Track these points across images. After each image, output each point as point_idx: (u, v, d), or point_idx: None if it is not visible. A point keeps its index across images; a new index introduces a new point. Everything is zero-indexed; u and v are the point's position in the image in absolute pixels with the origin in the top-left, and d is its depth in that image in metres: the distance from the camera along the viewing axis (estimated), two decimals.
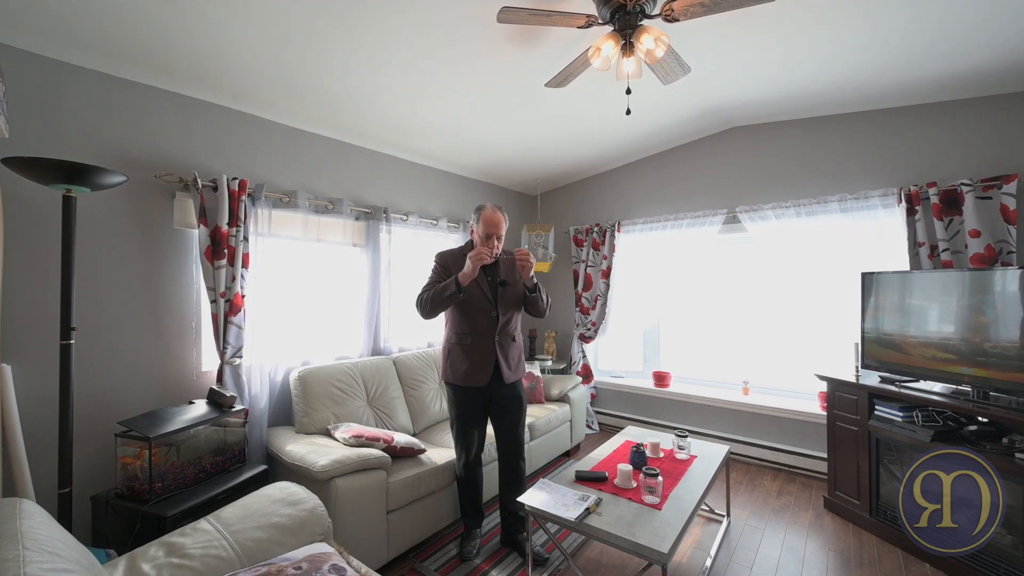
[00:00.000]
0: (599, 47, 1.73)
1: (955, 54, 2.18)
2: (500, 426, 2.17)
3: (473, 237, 2.16)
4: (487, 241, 2.05)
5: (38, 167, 1.49)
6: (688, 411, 3.59)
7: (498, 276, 2.15)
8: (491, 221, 2.06)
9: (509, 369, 2.12)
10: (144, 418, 1.82)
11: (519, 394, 2.18)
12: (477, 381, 2.07)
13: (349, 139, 2.94)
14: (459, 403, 2.13)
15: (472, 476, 2.20)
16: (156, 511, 1.62)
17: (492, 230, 2.06)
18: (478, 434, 2.17)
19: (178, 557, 1.18)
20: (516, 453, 2.18)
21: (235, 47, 1.93)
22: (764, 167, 3.27)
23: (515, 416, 2.16)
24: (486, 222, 2.06)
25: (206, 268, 2.16)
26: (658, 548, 1.50)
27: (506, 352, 2.12)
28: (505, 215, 2.11)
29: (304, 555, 1.22)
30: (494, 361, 2.08)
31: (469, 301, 2.08)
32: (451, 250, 2.22)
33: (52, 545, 0.88)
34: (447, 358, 2.16)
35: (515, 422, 2.16)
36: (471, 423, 2.13)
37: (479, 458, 2.22)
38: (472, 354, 2.08)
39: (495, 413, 2.17)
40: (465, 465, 2.18)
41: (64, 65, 1.88)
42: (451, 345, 2.15)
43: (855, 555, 2.16)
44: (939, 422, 2.13)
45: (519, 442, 2.19)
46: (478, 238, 2.10)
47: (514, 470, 2.18)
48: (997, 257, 2.35)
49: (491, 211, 2.08)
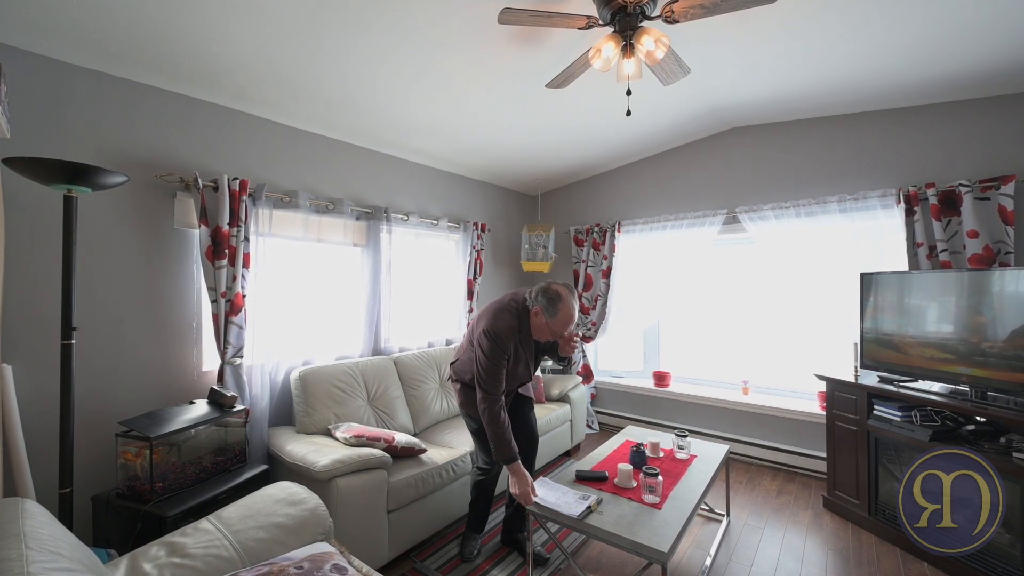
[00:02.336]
0: (599, 48, 1.73)
1: (953, 55, 2.18)
2: (517, 423, 2.11)
3: (535, 320, 1.88)
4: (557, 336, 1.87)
5: (39, 167, 1.49)
6: (688, 411, 3.59)
7: (541, 344, 2.06)
8: (569, 320, 1.84)
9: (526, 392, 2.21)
10: (145, 418, 1.82)
11: (530, 395, 2.25)
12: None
13: (350, 139, 2.94)
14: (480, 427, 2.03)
15: (490, 482, 2.18)
16: (157, 511, 1.63)
17: (568, 327, 1.85)
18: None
19: (180, 557, 1.18)
20: (532, 450, 2.18)
21: (236, 47, 1.93)
22: (764, 168, 3.27)
23: (530, 412, 2.20)
24: (565, 321, 1.83)
25: (207, 268, 2.16)
26: (658, 547, 1.50)
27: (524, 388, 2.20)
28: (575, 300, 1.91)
29: (305, 555, 1.23)
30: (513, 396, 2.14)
31: (513, 374, 1.99)
32: (509, 327, 1.88)
33: (54, 545, 0.88)
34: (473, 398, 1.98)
35: (531, 419, 2.20)
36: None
37: (500, 469, 2.19)
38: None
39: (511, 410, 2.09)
40: (486, 479, 2.16)
41: (65, 65, 1.88)
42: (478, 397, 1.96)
43: (854, 554, 2.17)
44: (937, 422, 2.14)
45: (535, 438, 2.20)
46: (543, 326, 1.86)
47: (528, 467, 2.18)
48: (995, 257, 2.36)
49: (569, 308, 1.82)
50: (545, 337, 1.91)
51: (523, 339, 1.95)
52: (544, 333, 1.90)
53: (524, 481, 1.85)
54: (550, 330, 1.86)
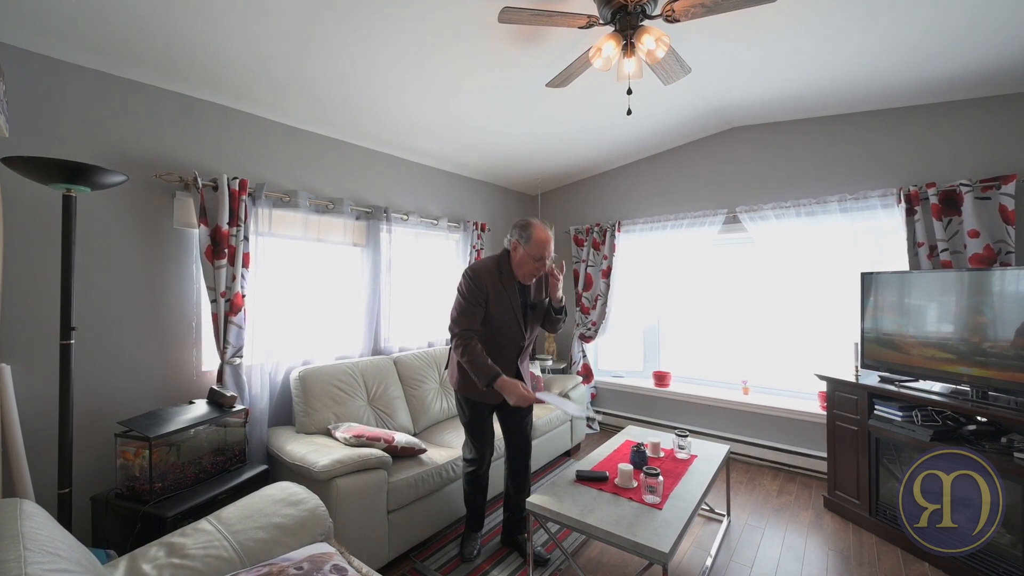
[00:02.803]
0: (600, 47, 1.73)
1: (954, 55, 2.18)
2: (510, 428, 2.15)
3: (515, 254, 1.92)
4: (536, 264, 1.88)
5: (38, 166, 1.49)
6: (688, 411, 3.59)
7: (529, 298, 2.02)
8: (544, 242, 1.86)
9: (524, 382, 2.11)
10: (144, 418, 1.82)
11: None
12: (495, 400, 1.98)
13: (350, 138, 2.94)
14: (472, 411, 2.09)
15: (480, 480, 2.18)
16: (156, 511, 1.62)
17: (545, 252, 1.87)
18: (492, 438, 2.16)
19: (179, 557, 1.18)
20: (526, 454, 2.17)
21: (236, 46, 1.93)
22: (764, 167, 3.27)
23: (525, 418, 2.15)
24: (539, 243, 1.85)
25: (206, 268, 2.16)
26: (658, 548, 1.50)
27: (524, 371, 2.10)
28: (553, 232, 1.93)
29: (305, 555, 1.22)
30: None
31: (502, 329, 1.97)
32: (485, 266, 1.95)
33: (53, 546, 0.88)
34: (463, 372, 1.99)
35: (526, 424, 2.15)
36: (485, 431, 2.12)
37: (489, 462, 2.19)
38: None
39: (505, 415, 2.15)
40: (475, 470, 2.16)
41: (64, 64, 1.88)
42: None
43: (855, 554, 2.17)
44: (938, 422, 2.14)
45: (529, 443, 2.18)
46: (525, 258, 1.88)
47: (523, 471, 2.17)
48: (996, 257, 2.36)
49: (543, 230, 1.86)
50: (528, 270, 1.90)
51: (505, 280, 1.94)
52: (526, 264, 1.89)
53: (515, 387, 1.82)
54: (530, 256, 1.87)
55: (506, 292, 1.94)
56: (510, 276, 1.96)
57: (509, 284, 1.95)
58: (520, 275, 1.94)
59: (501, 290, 1.93)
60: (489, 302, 1.91)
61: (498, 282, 1.93)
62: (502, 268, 1.95)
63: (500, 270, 1.95)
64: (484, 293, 1.90)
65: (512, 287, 1.96)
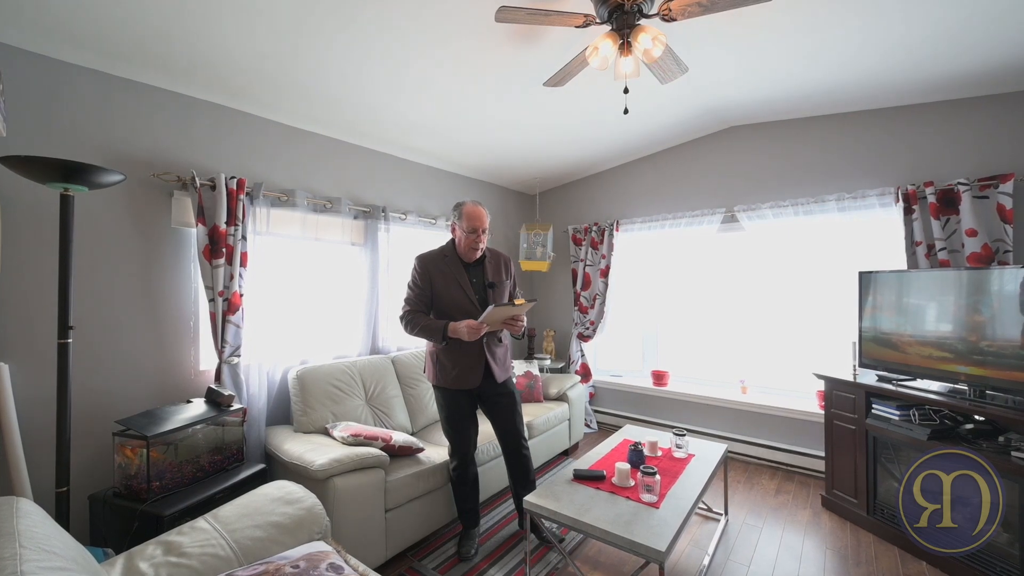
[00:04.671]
0: (597, 47, 1.73)
1: (952, 54, 2.18)
2: (498, 423, 2.18)
3: (456, 235, 2.08)
4: (471, 236, 2.02)
5: (35, 166, 1.49)
6: (686, 410, 3.59)
7: (485, 278, 2.10)
8: (474, 215, 2.01)
9: (499, 369, 2.12)
10: (142, 417, 1.82)
11: (510, 389, 2.18)
12: (468, 384, 2.05)
13: (348, 138, 2.94)
14: (449, 405, 2.11)
15: (466, 477, 2.19)
16: (154, 510, 1.62)
17: (477, 223, 2.01)
18: (471, 434, 2.17)
19: (176, 556, 1.18)
20: (519, 444, 2.18)
21: (233, 45, 1.93)
22: (762, 166, 3.27)
23: (511, 410, 2.16)
24: (469, 216, 2.01)
25: (204, 267, 2.16)
26: (655, 546, 1.50)
27: (493, 353, 2.10)
28: (487, 210, 2.08)
29: (302, 554, 1.22)
30: (484, 363, 2.07)
31: (454, 309, 2.04)
32: (431, 253, 2.12)
33: (49, 544, 0.88)
34: (435, 362, 2.10)
35: (512, 416, 2.16)
36: (463, 424, 2.13)
37: (472, 457, 2.20)
38: (461, 358, 2.04)
39: (490, 411, 2.19)
40: (459, 466, 2.17)
41: (62, 64, 1.88)
42: (438, 348, 2.06)
43: (852, 553, 2.17)
44: (936, 421, 2.14)
45: (519, 434, 2.19)
46: (462, 234, 2.04)
47: (520, 462, 2.19)
48: (994, 256, 2.36)
49: (472, 205, 2.03)
50: (467, 244, 2.04)
51: (450, 263, 2.08)
52: (465, 239, 2.03)
53: (464, 325, 1.90)
54: (464, 231, 2.02)
55: (453, 273, 2.07)
56: (454, 259, 2.10)
57: (455, 266, 2.09)
58: (463, 252, 2.08)
59: (448, 272, 2.07)
60: (435, 284, 2.06)
61: (443, 264, 2.08)
62: (446, 252, 2.11)
63: (444, 254, 2.10)
64: (428, 276, 2.06)
65: (459, 268, 2.09)
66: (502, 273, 2.16)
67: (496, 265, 2.16)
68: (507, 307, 1.90)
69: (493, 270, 2.14)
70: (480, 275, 2.11)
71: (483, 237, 2.04)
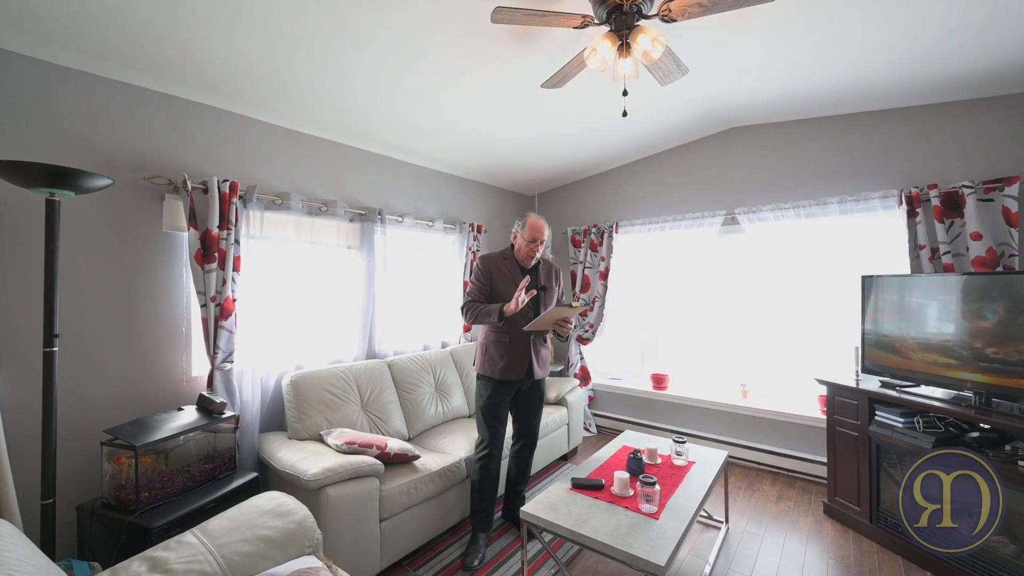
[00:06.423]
0: (595, 48, 1.69)
1: (956, 55, 2.14)
2: (522, 420, 2.38)
3: (516, 242, 2.31)
4: (530, 245, 2.22)
5: (20, 171, 1.45)
6: (686, 414, 3.56)
7: (538, 281, 2.32)
8: (535, 227, 2.22)
9: (539, 367, 2.30)
10: (131, 426, 1.79)
11: (542, 391, 2.39)
12: (513, 376, 2.21)
13: (343, 140, 2.90)
14: (490, 395, 2.24)
15: (489, 470, 2.23)
16: (143, 522, 1.59)
17: (536, 235, 2.22)
18: (503, 426, 2.28)
19: (161, 572, 1.14)
20: (532, 443, 2.43)
21: (226, 47, 1.89)
22: (763, 168, 3.23)
23: (536, 410, 2.38)
24: (531, 228, 2.22)
25: (196, 272, 2.12)
26: (655, 560, 1.47)
27: (538, 352, 2.30)
28: (547, 224, 2.29)
29: (291, 570, 1.19)
30: (528, 360, 2.24)
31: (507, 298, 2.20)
32: (493, 255, 2.36)
33: (21, 569, 0.85)
34: (484, 352, 2.27)
35: (536, 417, 2.39)
36: (499, 413, 2.25)
37: (501, 449, 2.27)
38: (510, 351, 2.21)
39: (518, 408, 2.37)
40: (485, 456, 2.22)
41: (51, 66, 1.84)
42: (489, 341, 2.26)
43: (855, 562, 2.14)
44: (940, 428, 2.10)
45: (536, 434, 2.43)
46: (522, 242, 2.25)
47: (527, 459, 2.43)
48: (999, 260, 2.32)
49: (535, 219, 2.25)
50: (525, 252, 2.25)
51: (508, 264, 2.30)
52: (524, 247, 2.25)
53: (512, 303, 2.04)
54: (524, 239, 2.24)
55: (510, 273, 2.27)
56: (513, 261, 2.32)
57: (512, 267, 2.30)
58: (520, 258, 2.30)
59: (505, 271, 2.28)
60: (494, 280, 2.26)
61: (502, 264, 2.30)
62: (506, 255, 2.34)
63: (504, 257, 2.34)
64: (488, 273, 2.28)
65: (515, 270, 2.29)
66: (552, 280, 2.40)
67: (548, 272, 2.40)
68: (565, 308, 2.05)
69: (545, 276, 2.37)
70: (534, 278, 2.30)
71: (540, 247, 2.26)
